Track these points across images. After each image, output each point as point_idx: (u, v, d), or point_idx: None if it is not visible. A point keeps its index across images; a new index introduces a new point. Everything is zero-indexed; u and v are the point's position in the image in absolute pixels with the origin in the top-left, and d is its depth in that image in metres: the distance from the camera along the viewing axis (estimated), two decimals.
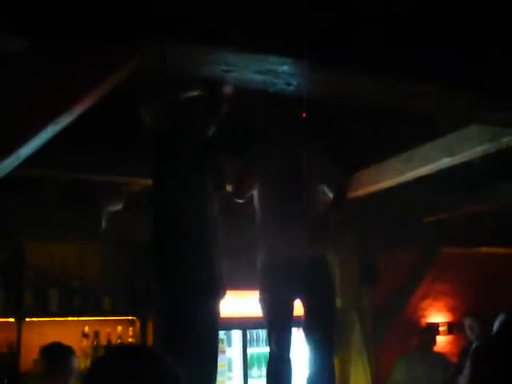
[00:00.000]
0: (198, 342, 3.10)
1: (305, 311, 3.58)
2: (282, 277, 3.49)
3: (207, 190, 3.27)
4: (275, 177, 3.64)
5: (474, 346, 3.91)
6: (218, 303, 3.28)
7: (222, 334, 6.23)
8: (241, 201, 3.78)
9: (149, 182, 3.47)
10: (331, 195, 3.76)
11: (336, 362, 6.29)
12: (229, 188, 3.85)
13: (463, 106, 3.13)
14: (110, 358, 1.55)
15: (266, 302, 3.57)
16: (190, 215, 3.19)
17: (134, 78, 2.34)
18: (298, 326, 3.71)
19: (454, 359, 6.47)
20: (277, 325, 3.55)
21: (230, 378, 6.27)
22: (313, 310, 3.55)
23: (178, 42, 2.22)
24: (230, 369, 6.31)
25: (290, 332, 3.60)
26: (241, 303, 5.91)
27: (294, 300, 3.59)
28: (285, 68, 2.45)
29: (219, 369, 5.93)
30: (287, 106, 3.55)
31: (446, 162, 4.33)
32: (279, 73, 2.47)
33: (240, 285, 4.51)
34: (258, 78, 2.49)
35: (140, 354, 1.55)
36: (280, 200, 3.58)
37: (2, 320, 5.41)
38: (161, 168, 3.26)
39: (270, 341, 3.60)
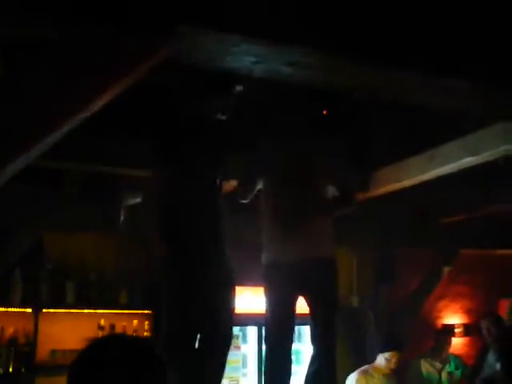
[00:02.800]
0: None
1: (310, 311, 3.57)
2: (285, 274, 3.47)
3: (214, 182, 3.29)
4: (281, 175, 3.61)
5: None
6: (227, 297, 3.27)
7: (237, 330, 6.24)
8: (245, 201, 3.75)
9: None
10: (338, 195, 3.71)
11: (351, 361, 6.31)
12: (234, 185, 3.85)
13: (492, 102, 3.09)
14: (94, 347, 1.54)
15: (269, 298, 3.55)
16: (193, 208, 3.21)
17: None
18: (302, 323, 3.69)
19: (470, 361, 6.43)
20: (278, 321, 3.54)
21: (244, 375, 6.27)
22: (315, 308, 3.54)
23: (209, 32, 2.21)
24: (244, 365, 6.31)
25: (292, 329, 3.59)
26: (256, 299, 5.89)
27: (296, 298, 3.57)
28: (311, 60, 2.43)
29: (234, 365, 6.03)
30: (306, 100, 3.53)
31: (468, 161, 4.29)
32: (306, 65, 2.45)
33: (256, 281, 4.49)
34: (286, 70, 2.47)
35: (125, 343, 1.55)
36: (285, 198, 3.56)
37: (19, 310, 5.45)
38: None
39: (271, 337, 3.59)
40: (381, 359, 5.24)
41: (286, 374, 3.51)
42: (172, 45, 2.17)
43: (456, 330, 7.38)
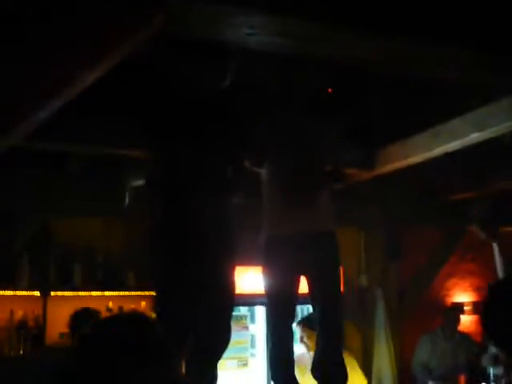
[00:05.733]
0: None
1: (309, 288, 3.52)
2: (285, 249, 3.42)
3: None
4: (283, 151, 3.57)
5: None
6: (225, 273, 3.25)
7: (245, 310, 6.25)
8: (260, 169, 3.68)
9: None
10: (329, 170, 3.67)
11: (359, 338, 6.33)
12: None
13: (489, 71, 3.03)
14: (101, 324, 1.54)
15: (268, 277, 3.50)
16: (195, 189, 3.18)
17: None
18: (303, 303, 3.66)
19: (479, 339, 6.42)
20: (279, 302, 3.50)
21: (253, 355, 6.28)
22: (317, 287, 3.49)
23: (202, 2, 2.17)
24: (253, 345, 6.32)
25: (293, 309, 3.56)
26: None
27: (297, 276, 3.53)
28: (306, 31, 2.38)
29: (243, 345, 6.04)
30: (311, 75, 3.48)
31: (474, 137, 4.24)
32: (302, 37, 2.40)
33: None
34: (280, 41, 2.42)
35: (130, 320, 1.54)
36: (287, 174, 3.52)
37: (28, 294, 5.47)
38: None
39: (272, 318, 3.56)
40: None
41: (289, 353, 3.50)
42: (163, 16, 2.13)
43: (465, 308, 7.37)
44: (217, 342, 3.22)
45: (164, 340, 1.53)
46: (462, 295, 7.51)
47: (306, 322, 4.81)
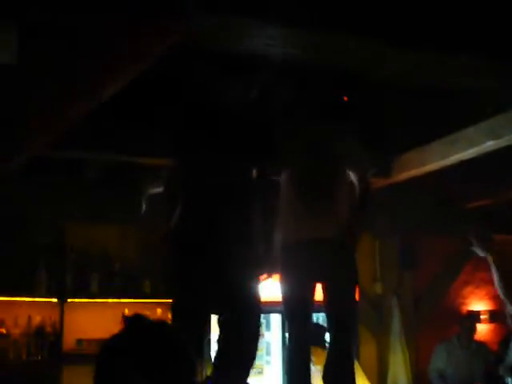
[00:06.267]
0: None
1: (324, 296, 3.53)
2: (303, 256, 3.43)
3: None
4: (302, 159, 3.58)
5: None
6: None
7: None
8: (278, 177, 3.69)
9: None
10: (356, 181, 3.67)
11: (374, 346, 6.32)
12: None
13: (503, 78, 3.04)
14: (119, 337, 1.55)
15: (285, 283, 3.52)
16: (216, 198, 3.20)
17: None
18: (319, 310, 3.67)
19: (495, 348, 6.39)
20: (295, 308, 3.51)
21: (268, 362, 6.28)
22: (332, 294, 3.50)
23: (222, 13, 2.19)
24: (268, 352, 6.32)
25: (310, 316, 3.57)
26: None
27: (314, 284, 3.54)
28: (324, 42, 2.40)
29: (258, 353, 6.03)
30: (329, 83, 3.50)
31: (490, 145, 4.25)
32: (321, 47, 2.42)
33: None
34: (300, 52, 2.44)
35: (150, 332, 1.56)
36: (306, 183, 3.54)
37: (45, 300, 5.51)
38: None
39: (289, 325, 3.57)
40: None
41: (305, 361, 3.50)
42: (186, 28, 2.16)
43: (481, 317, 7.33)
44: (244, 352, 3.16)
45: (185, 346, 1.55)
46: (478, 303, 7.46)
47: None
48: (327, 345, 3.80)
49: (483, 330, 7.11)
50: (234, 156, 3.24)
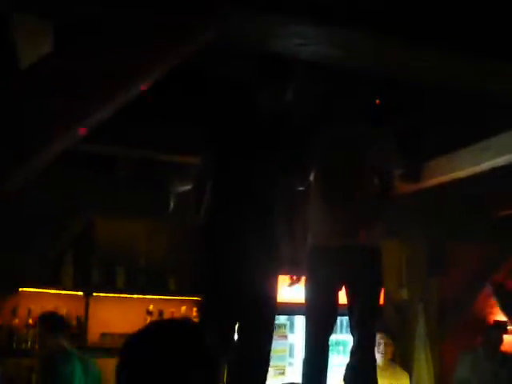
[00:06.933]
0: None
1: (348, 300, 3.52)
2: (330, 259, 3.42)
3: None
4: (331, 163, 3.57)
5: None
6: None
7: (284, 319, 6.23)
8: (303, 188, 3.69)
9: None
10: (380, 182, 3.64)
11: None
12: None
13: None
14: (148, 331, 1.55)
15: (310, 287, 3.50)
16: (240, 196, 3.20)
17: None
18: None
19: None
20: (319, 312, 3.49)
21: (290, 364, 6.26)
22: (356, 299, 3.48)
23: (253, 13, 2.17)
24: (291, 354, 6.30)
25: (333, 321, 3.55)
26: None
27: (338, 288, 3.52)
28: (359, 43, 2.37)
29: (281, 354, 6.03)
30: (361, 86, 3.48)
31: None
32: (354, 48, 2.39)
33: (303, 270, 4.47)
34: (332, 52, 2.41)
35: (174, 331, 1.56)
36: (334, 186, 3.52)
37: (71, 293, 5.57)
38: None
39: (310, 328, 3.55)
40: None
41: (324, 366, 3.48)
42: (215, 27, 2.15)
43: (508, 327, 7.22)
44: (258, 352, 3.18)
45: (209, 348, 1.54)
46: None
47: None
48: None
49: (510, 340, 6.99)
50: (271, 165, 3.25)
